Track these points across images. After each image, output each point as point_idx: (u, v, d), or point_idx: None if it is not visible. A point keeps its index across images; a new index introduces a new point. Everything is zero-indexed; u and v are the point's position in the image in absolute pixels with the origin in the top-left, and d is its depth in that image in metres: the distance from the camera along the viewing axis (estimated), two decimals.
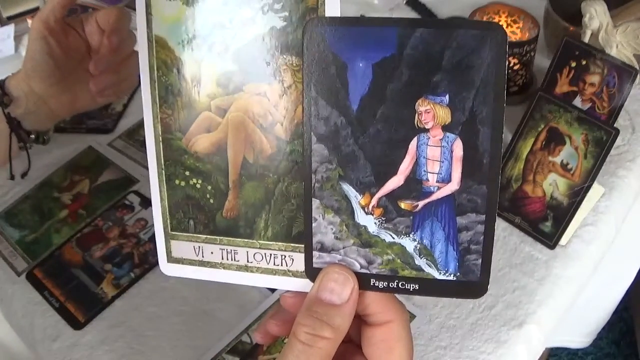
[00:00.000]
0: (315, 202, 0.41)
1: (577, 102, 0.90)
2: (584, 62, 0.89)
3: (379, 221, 0.40)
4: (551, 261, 0.82)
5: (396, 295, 0.42)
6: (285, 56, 0.41)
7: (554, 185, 0.84)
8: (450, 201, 0.39)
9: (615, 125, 0.86)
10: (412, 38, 0.37)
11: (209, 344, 0.76)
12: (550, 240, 0.84)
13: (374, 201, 0.40)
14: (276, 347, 0.74)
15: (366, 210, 0.40)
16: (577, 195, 0.83)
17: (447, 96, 0.38)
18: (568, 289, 0.81)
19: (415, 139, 0.39)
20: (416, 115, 0.38)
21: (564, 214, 0.83)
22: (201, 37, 0.42)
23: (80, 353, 0.77)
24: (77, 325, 0.79)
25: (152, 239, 0.87)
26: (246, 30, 0.41)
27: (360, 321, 0.43)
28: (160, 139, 0.45)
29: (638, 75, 0.87)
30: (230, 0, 0.41)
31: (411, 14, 1.25)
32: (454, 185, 0.39)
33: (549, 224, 0.84)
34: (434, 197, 0.39)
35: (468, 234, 0.39)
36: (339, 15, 0.39)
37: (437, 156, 0.39)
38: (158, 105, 0.44)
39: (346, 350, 0.43)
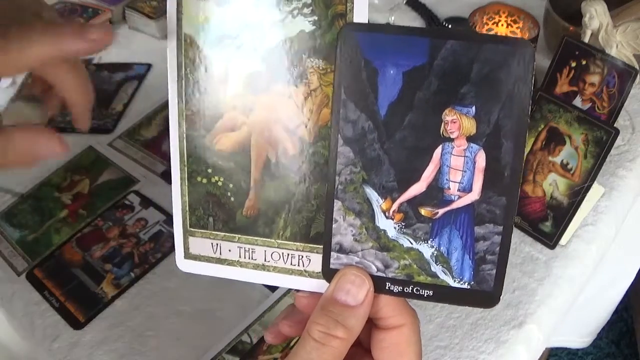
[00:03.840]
0: (337, 204, 0.41)
1: (577, 102, 0.90)
2: (584, 62, 0.89)
3: (398, 226, 0.41)
4: (551, 261, 0.83)
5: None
6: (312, 59, 0.42)
7: (554, 185, 0.84)
8: (469, 210, 0.40)
9: (615, 125, 0.86)
10: (442, 49, 0.38)
11: (209, 343, 0.76)
12: (550, 240, 0.84)
13: (395, 206, 0.40)
14: (277, 347, 0.74)
15: (387, 214, 0.41)
16: (577, 195, 0.83)
17: (474, 108, 0.38)
18: (568, 288, 0.81)
19: (439, 148, 0.39)
20: (442, 124, 0.39)
21: (564, 214, 0.83)
22: (230, 37, 0.43)
23: (80, 353, 0.77)
24: (77, 325, 0.79)
25: (152, 238, 0.87)
26: (275, 32, 0.42)
27: (370, 325, 0.43)
28: (185, 136, 0.45)
29: (638, 75, 0.87)
30: (261, 3, 0.42)
31: (411, 14, 1.25)
32: (474, 195, 0.39)
33: (549, 224, 0.84)
34: (454, 205, 0.40)
35: (485, 243, 0.40)
36: (373, 23, 0.39)
37: (460, 166, 0.39)
38: (184, 102, 0.44)
39: (355, 354, 0.43)
